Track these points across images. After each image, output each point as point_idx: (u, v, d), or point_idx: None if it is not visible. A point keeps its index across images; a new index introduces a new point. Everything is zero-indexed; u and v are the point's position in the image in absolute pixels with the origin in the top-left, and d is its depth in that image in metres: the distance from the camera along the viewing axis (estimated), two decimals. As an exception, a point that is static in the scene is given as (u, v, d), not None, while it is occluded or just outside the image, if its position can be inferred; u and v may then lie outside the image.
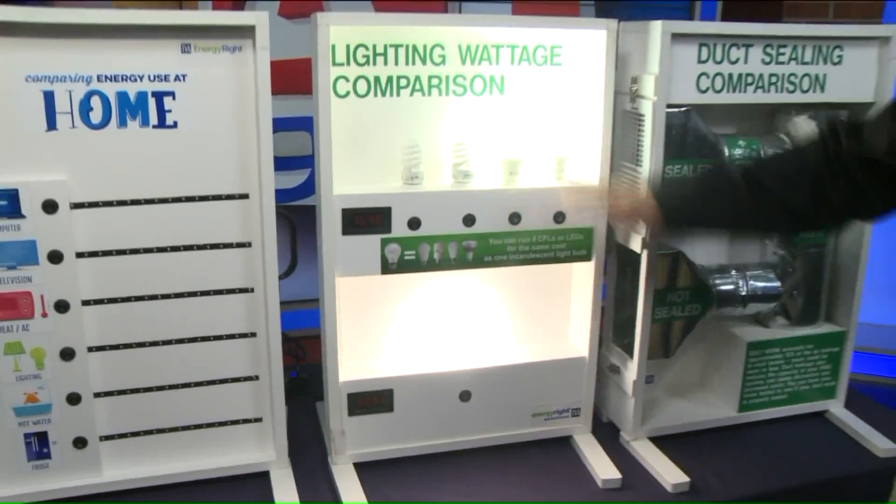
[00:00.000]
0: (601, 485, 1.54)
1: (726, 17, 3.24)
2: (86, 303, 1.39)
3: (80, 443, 1.45)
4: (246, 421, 1.53)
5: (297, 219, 1.73)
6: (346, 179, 1.46)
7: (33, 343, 1.38)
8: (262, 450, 1.55)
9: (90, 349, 1.41)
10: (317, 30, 1.36)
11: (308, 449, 1.63)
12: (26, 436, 1.43)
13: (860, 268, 1.72)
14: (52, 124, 1.31)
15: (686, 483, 1.53)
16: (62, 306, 1.37)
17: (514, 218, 1.53)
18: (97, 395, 1.44)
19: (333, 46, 1.41)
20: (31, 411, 1.42)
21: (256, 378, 1.51)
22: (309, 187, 2.41)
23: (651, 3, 3.25)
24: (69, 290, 1.37)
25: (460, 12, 3.04)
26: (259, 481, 1.51)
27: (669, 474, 1.55)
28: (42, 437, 1.44)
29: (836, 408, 1.81)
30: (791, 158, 1.36)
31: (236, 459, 1.53)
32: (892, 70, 1.64)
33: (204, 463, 1.51)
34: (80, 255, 1.36)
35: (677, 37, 1.49)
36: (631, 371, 1.64)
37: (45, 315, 1.37)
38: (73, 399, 1.42)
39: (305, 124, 2.29)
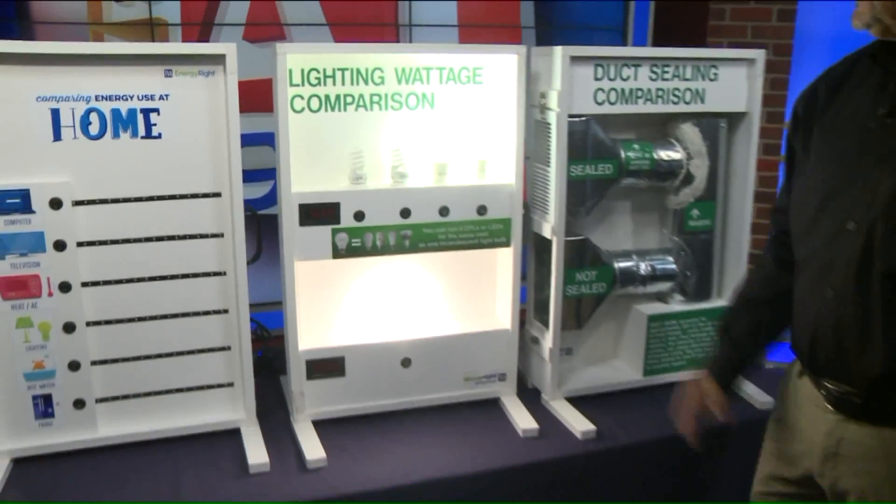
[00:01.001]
0: (521, 434, 1.87)
1: (657, 39, 3.64)
2: (85, 284, 1.71)
3: (79, 404, 1.76)
4: (220, 385, 1.85)
5: (264, 224, 2.06)
6: (303, 180, 1.80)
7: (41, 318, 1.70)
8: (234, 410, 1.87)
9: (88, 323, 1.73)
10: (276, 57, 1.71)
11: (272, 412, 1.94)
12: (34, 398, 1.73)
13: (743, 249, 2.09)
14: (57, 136, 1.64)
15: (593, 431, 1.87)
16: (65, 287, 1.69)
17: (444, 211, 1.88)
18: (94, 363, 1.76)
19: (290, 70, 1.76)
20: (39, 376, 1.73)
21: (229, 348, 1.84)
22: (273, 197, 2.74)
23: (587, 28, 3.65)
24: (71, 273, 1.69)
25: (410, 38, 3.42)
26: (232, 437, 1.83)
27: (579, 424, 1.88)
28: (47, 399, 1.74)
29: (736, 377, 2.16)
30: None
31: (212, 418, 1.85)
32: (758, 85, 2.03)
33: (184, 421, 1.83)
34: (80, 244, 1.69)
35: (576, 59, 1.85)
36: (548, 341, 1.98)
37: (50, 294, 1.69)
38: (74, 366, 1.73)
39: (269, 140, 2.63)
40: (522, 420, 1.90)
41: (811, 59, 3.70)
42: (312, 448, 1.77)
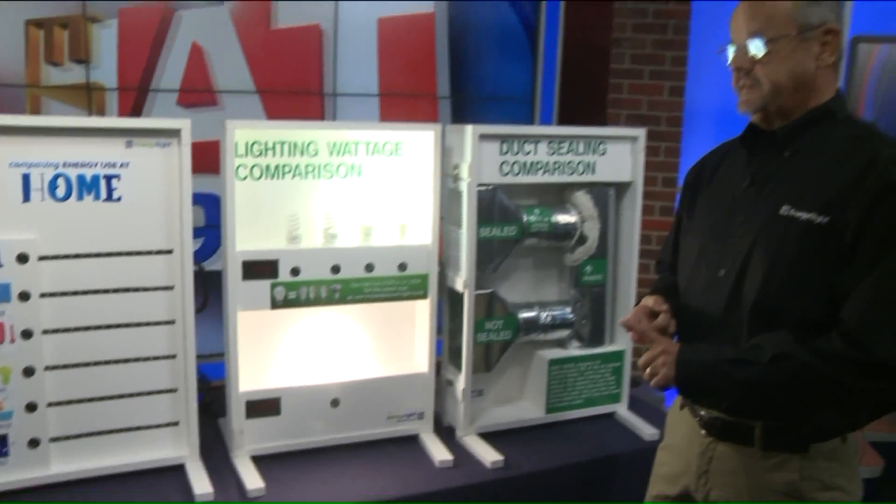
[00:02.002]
0: (437, 465, 2.16)
1: (562, 109, 4.09)
2: (46, 331, 1.95)
3: (33, 443, 1.96)
4: (167, 424, 2.09)
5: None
6: (245, 239, 2.08)
7: (2, 363, 1.91)
8: (180, 447, 2.10)
9: (47, 368, 1.96)
10: (225, 132, 2.02)
11: (213, 451, 2.17)
12: (-9, 437, 1.95)
13: (630, 300, 2.46)
14: (27, 197, 1.89)
15: (501, 460, 2.17)
16: (27, 334, 1.92)
17: (369, 267, 2.19)
18: (50, 404, 1.98)
19: (236, 143, 2.06)
20: (-3, 417, 1.95)
21: (175, 390, 2.09)
22: (204, 253, 2.99)
23: (498, 101, 4.07)
24: (33, 321, 1.91)
25: (335, 106, 3.77)
26: (177, 472, 2.06)
27: (489, 455, 2.19)
28: (3, 439, 1.93)
29: (622, 410, 2.52)
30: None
31: (159, 455, 2.07)
32: (641, 159, 2.43)
33: (133, 458, 2.05)
34: (43, 295, 1.93)
35: (484, 136, 2.21)
36: (461, 383, 2.30)
37: (13, 341, 1.91)
38: (31, 407, 1.94)
39: (200, 199, 2.85)
40: (438, 453, 2.20)
41: (700, 129, 4.21)
42: (252, 479, 2.02)
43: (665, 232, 4.14)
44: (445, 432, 2.35)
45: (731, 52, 1.63)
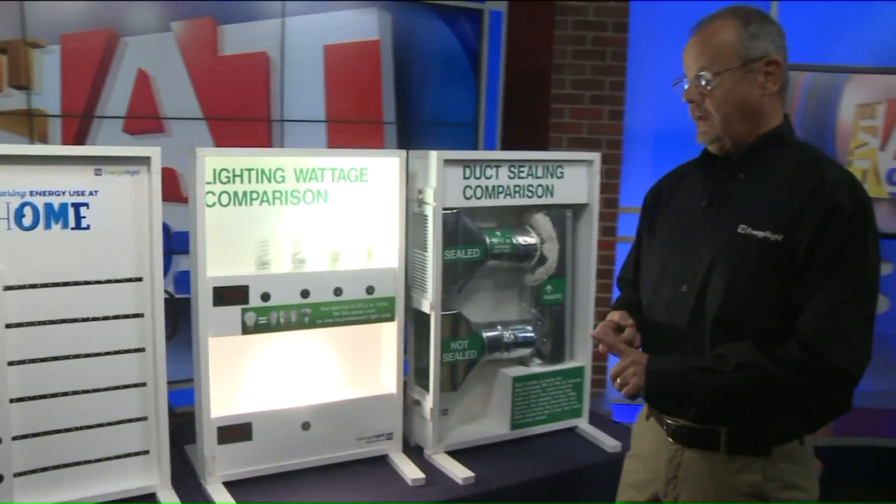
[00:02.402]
0: (411, 483, 2.20)
1: (505, 133, 4.21)
2: (11, 363, 1.92)
3: (-2, 479, 1.95)
4: (137, 454, 2.08)
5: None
6: (214, 265, 2.10)
7: (-34, 396, 1.90)
8: (151, 477, 2.09)
9: (11, 400, 1.93)
10: (195, 160, 2.04)
11: (183, 479, 2.17)
12: (-46, 473, 1.91)
13: (589, 318, 2.56)
14: (-7, 227, 1.88)
15: (472, 477, 2.23)
16: (-8, 365, 1.90)
17: (338, 291, 2.23)
18: (15, 437, 1.95)
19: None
20: (-39, 453, 1.91)
21: (146, 419, 2.08)
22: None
23: (442, 126, 4.16)
24: None
25: (282, 132, 3.81)
26: (149, 502, 2.06)
27: (460, 472, 2.24)
28: (-34, 476, 1.92)
29: (583, 424, 2.60)
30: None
31: (130, 485, 2.06)
32: (596, 181, 2.54)
33: (103, 489, 2.03)
34: (9, 325, 1.91)
35: (448, 161, 2.28)
36: (428, 402, 2.35)
37: (-22, 373, 1.90)
38: (-4, 441, 1.93)
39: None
40: (410, 471, 2.24)
41: (639, 152, 4.38)
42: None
43: (608, 251, 4.29)
44: (413, 451, 2.39)
45: (684, 85, 1.75)
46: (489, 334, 2.46)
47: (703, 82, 1.69)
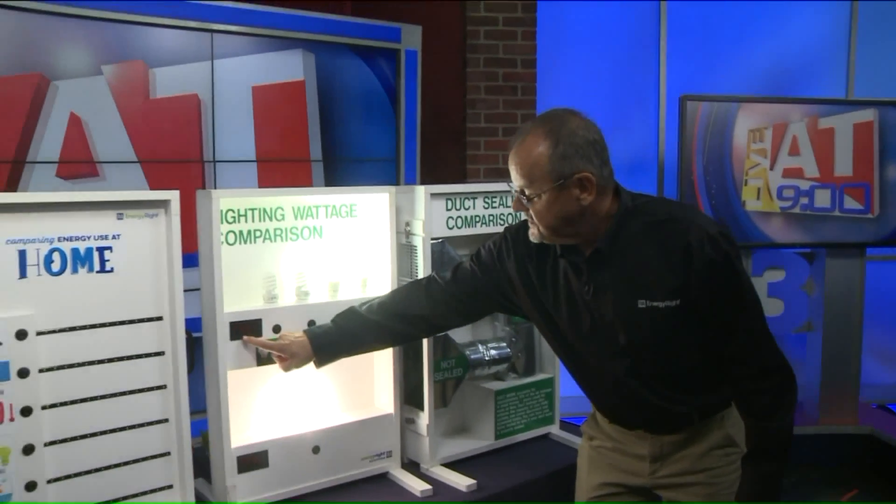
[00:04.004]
0: (420, 495, 2.38)
1: (424, 167, 4.46)
2: (44, 407, 1.98)
3: (33, 523, 1.98)
4: (162, 488, 2.16)
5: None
6: (226, 301, 2.22)
7: (1, 443, 1.92)
8: (175, 512, 2.18)
9: (46, 444, 1.98)
10: (210, 202, 2.16)
11: (200, 511, 2.27)
12: (-10, 523, 1.93)
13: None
14: (23, 273, 1.93)
15: (474, 484, 2.43)
16: (27, 411, 1.93)
17: (339, 320, 2.40)
18: (50, 481, 2.00)
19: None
20: (-4, 500, 1.94)
21: (169, 454, 2.16)
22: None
23: (366, 162, 4.36)
24: (33, 398, 1.93)
25: (215, 173, 3.90)
26: (174, 534, 2.14)
27: (462, 481, 2.44)
28: (2, 523, 1.95)
29: (555, 430, 2.86)
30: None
31: (156, 523, 2.14)
32: (554, 208, 2.82)
33: (131, 527, 2.11)
34: (41, 370, 1.97)
35: (434, 195, 2.50)
36: (423, 419, 2.54)
37: (12, 419, 1.92)
38: (30, 486, 1.94)
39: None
40: (416, 484, 2.42)
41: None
42: (256, 529, 2.15)
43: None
44: (409, 467, 2.57)
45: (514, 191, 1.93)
46: (472, 354, 2.68)
47: (524, 200, 1.89)
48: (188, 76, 3.74)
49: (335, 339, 2.24)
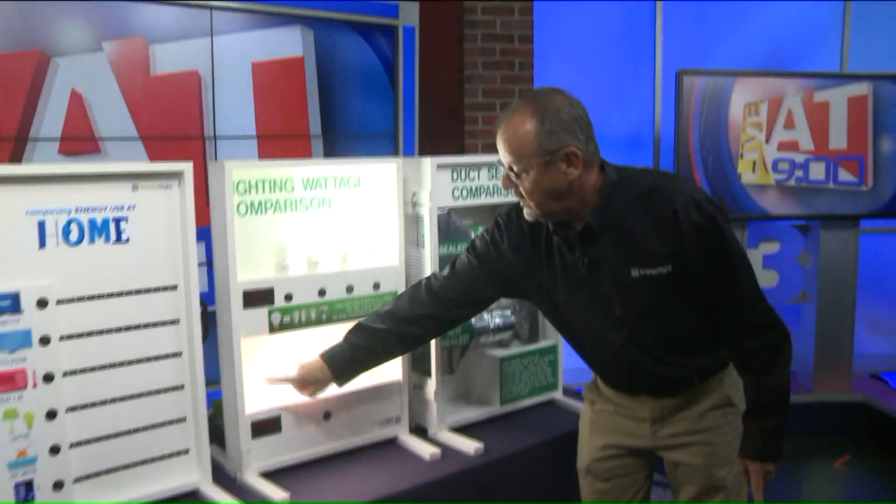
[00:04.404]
0: (429, 458, 2.45)
1: (422, 142, 4.51)
2: (66, 373, 2.03)
3: (58, 486, 2.02)
4: (179, 453, 2.22)
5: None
6: (239, 271, 2.28)
7: (26, 408, 1.96)
8: (193, 473, 2.23)
9: (69, 409, 2.04)
10: (223, 173, 2.21)
11: (215, 475, 2.33)
12: (16, 485, 1.98)
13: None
14: (43, 244, 1.98)
15: (481, 447, 2.50)
16: (48, 378, 1.99)
17: (349, 289, 2.46)
18: (73, 445, 2.06)
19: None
20: (21, 464, 1.97)
21: (185, 420, 2.23)
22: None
23: (365, 138, 4.41)
24: (54, 365, 1.99)
25: (216, 149, 3.93)
26: (193, 498, 2.20)
27: (469, 445, 2.52)
28: (28, 485, 1.99)
29: (558, 395, 2.94)
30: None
31: (175, 483, 2.19)
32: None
33: (150, 489, 2.15)
34: (63, 338, 2.02)
35: (440, 166, 2.56)
36: (431, 385, 2.61)
37: (35, 386, 1.98)
38: (54, 450, 2.00)
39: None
40: (425, 448, 2.49)
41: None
42: (273, 491, 2.20)
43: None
44: (417, 432, 2.64)
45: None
46: (477, 320, 2.75)
47: (513, 177, 1.95)
48: (188, 53, 3.77)
49: (349, 357, 2.26)
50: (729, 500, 2.09)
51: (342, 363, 2.27)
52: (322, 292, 2.39)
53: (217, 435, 2.39)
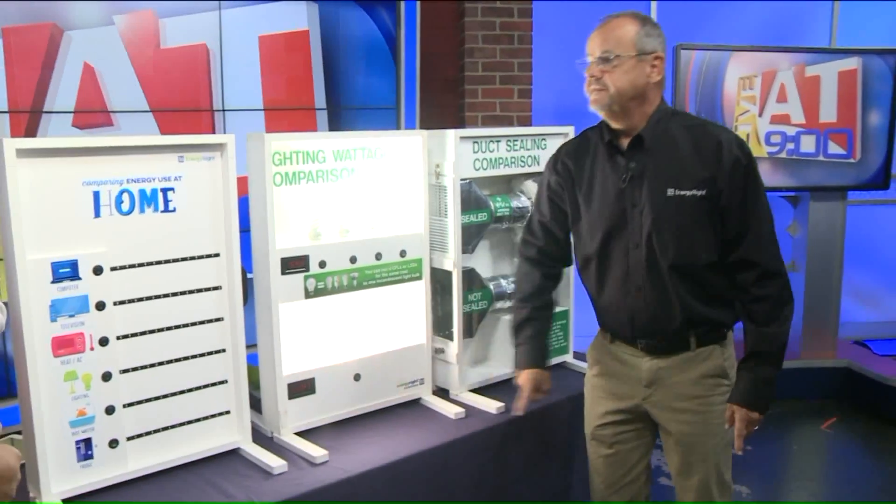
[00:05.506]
0: (453, 417, 2.61)
1: (423, 115, 4.63)
2: (119, 337, 2.16)
3: (113, 443, 2.15)
4: (220, 414, 2.36)
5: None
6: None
7: (84, 370, 2.09)
8: (233, 434, 2.37)
9: (122, 371, 2.17)
10: (262, 144, 2.33)
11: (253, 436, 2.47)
12: (77, 442, 2.11)
13: (571, 269, 3.04)
14: (97, 213, 2.10)
15: (503, 406, 2.66)
16: (104, 341, 2.12)
17: (378, 256, 2.59)
18: (125, 405, 2.19)
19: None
20: (81, 423, 2.10)
21: (226, 382, 2.36)
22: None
23: (368, 110, 4.51)
24: (109, 329, 2.12)
25: (224, 121, 4.03)
26: (235, 455, 2.34)
27: (490, 405, 2.68)
28: (88, 443, 2.12)
29: (570, 358, 3.11)
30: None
31: (218, 442, 2.33)
32: (569, 151, 3.02)
33: (195, 448, 2.29)
34: (115, 303, 2.14)
35: (462, 138, 2.69)
36: (453, 348, 2.76)
37: (92, 349, 2.10)
38: (110, 410, 2.14)
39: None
40: (450, 408, 2.65)
41: (546, 124, 4.91)
42: (312, 449, 2.35)
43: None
44: (439, 393, 2.80)
45: (588, 63, 2.18)
46: (495, 287, 2.90)
47: (606, 62, 2.11)
48: (196, 26, 3.85)
49: (538, 347, 2.45)
50: (718, 471, 2.25)
51: (539, 357, 2.46)
52: (353, 259, 2.53)
53: (252, 399, 2.52)
